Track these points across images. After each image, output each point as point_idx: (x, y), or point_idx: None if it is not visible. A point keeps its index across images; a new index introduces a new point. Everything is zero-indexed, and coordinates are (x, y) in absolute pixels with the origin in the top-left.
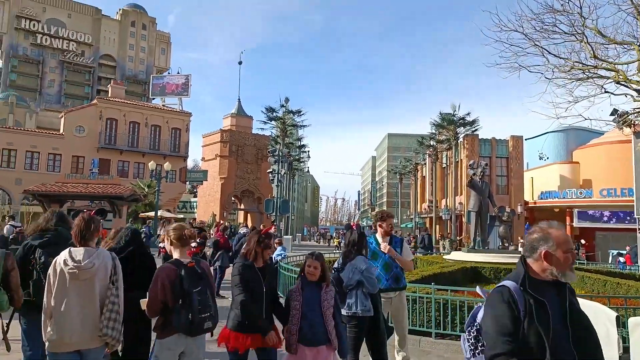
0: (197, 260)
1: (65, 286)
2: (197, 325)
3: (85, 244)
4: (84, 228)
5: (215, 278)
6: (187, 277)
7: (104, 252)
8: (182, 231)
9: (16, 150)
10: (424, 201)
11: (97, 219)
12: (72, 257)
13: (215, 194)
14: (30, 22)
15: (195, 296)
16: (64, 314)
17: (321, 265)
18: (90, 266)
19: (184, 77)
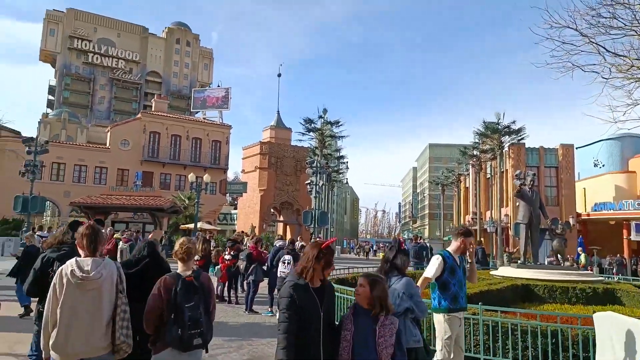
0: (197, 274)
1: (72, 296)
2: (186, 340)
3: (94, 254)
4: (93, 238)
5: (248, 292)
6: (182, 291)
7: (110, 261)
8: (184, 247)
9: (65, 164)
10: (467, 213)
11: (102, 229)
12: (79, 268)
13: (255, 206)
14: (82, 42)
15: (187, 311)
16: (71, 324)
17: (375, 288)
18: (98, 276)
19: (224, 90)
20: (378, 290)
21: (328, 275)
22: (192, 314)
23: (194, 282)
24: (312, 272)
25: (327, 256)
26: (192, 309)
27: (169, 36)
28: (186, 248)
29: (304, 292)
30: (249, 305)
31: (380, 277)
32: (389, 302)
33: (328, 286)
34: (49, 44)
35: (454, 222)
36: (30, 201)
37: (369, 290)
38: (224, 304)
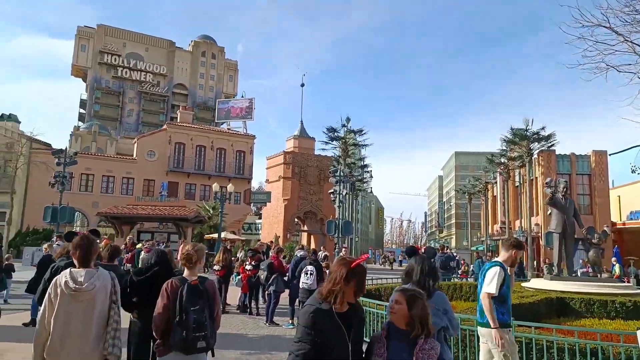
0: (202, 279)
1: (66, 306)
2: (190, 343)
3: (87, 264)
4: (87, 248)
5: (268, 304)
6: (188, 294)
7: (104, 272)
8: (184, 253)
9: (94, 175)
10: (495, 222)
11: (97, 240)
12: (73, 279)
13: (279, 216)
14: (112, 56)
15: (192, 314)
16: (65, 333)
17: (415, 305)
18: (91, 287)
19: (248, 100)
20: (418, 308)
21: (358, 298)
22: (197, 317)
23: (199, 287)
24: (341, 297)
25: (358, 277)
26: (197, 312)
27: (195, 49)
28: (186, 254)
29: (328, 319)
30: (269, 316)
31: (419, 292)
32: (430, 322)
33: (357, 310)
34: (80, 60)
35: (481, 231)
36: (59, 211)
37: (406, 308)
38: (244, 315)
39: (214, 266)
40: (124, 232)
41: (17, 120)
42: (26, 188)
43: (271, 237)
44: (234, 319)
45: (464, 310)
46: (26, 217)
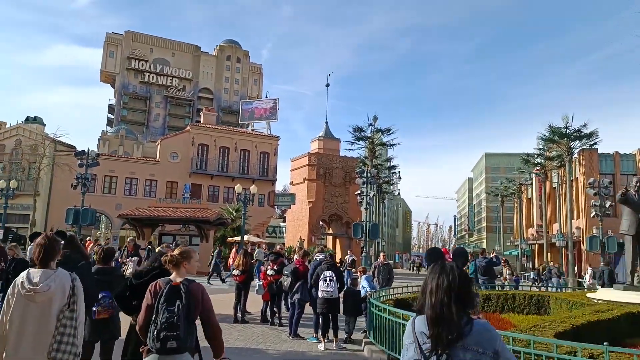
0: (187, 281)
1: (21, 308)
2: (160, 341)
3: (46, 265)
4: (47, 249)
5: (292, 314)
6: (166, 294)
7: (63, 273)
8: (171, 255)
9: (117, 177)
10: (530, 225)
11: (60, 241)
12: (29, 279)
13: (304, 218)
14: (139, 62)
15: (164, 313)
16: (19, 335)
17: None
18: (46, 289)
19: (272, 101)
20: None
21: None
22: (169, 316)
23: (179, 288)
24: None
25: None
26: (171, 312)
27: (220, 53)
28: (169, 256)
29: None
30: (293, 328)
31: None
32: None
33: None
34: (109, 66)
35: (514, 235)
36: (81, 213)
37: None
38: (265, 326)
39: (233, 271)
40: (146, 234)
41: (42, 122)
42: (50, 190)
43: (296, 240)
44: (254, 330)
45: (529, 328)
46: (50, 219)
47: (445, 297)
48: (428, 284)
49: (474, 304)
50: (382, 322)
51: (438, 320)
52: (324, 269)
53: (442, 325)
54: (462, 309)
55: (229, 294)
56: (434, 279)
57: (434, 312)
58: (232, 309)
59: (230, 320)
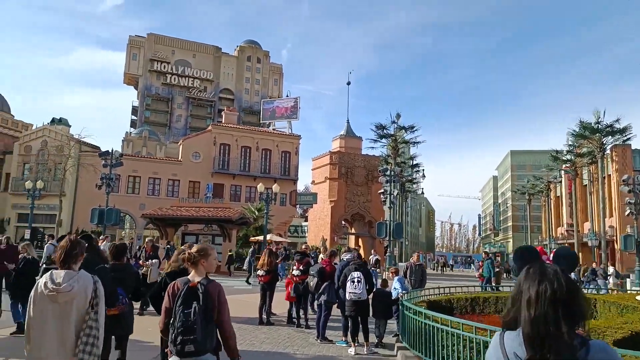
0: (206, 281)
1: (44, 308)
2: (178, 344)
3: (68, 266)
4: (68, 250)
5: (319, 316)
6: (184, 296)
7: (85, 275)
8: (189, 253)
9: (140, 177)
10: (559, 224)
11: (83, 243)
12: (52, 280)
13: (326, 218)
14: (161, 64)
15: (181, 316)
16: (42, 336)
17: None
18: (68, 289)
19: (293, 100)
20: None
21: None
22: (186, 319)
23: (197, 289)
24: None
25: None
26: (187, 314)
27: (240, 54)
28: (187, 255)
29: None
30: (320, 331)
31: None
32: None
33: None
34: (132, 68)
35: (542, 234)
36: (105, 213)
37: None
38: (291, 328)
39: (257, 271)
40: (169, 234)
41: (67, 124)
42: (75, 190)
43: (318, 240)
44: (279, 333)
45: None
46: (76, 219)
47: (551, 309)
48: (524, 292)
49: (583, 317)
50: (417, 326)
51: (541, 340)
52: (352, 270)
53: (547, 347)
54: (573, 326)
55: (253, 294)
56: (533, 286)
57: (534, 330)
58: (257, 310)
59: (256, 322)
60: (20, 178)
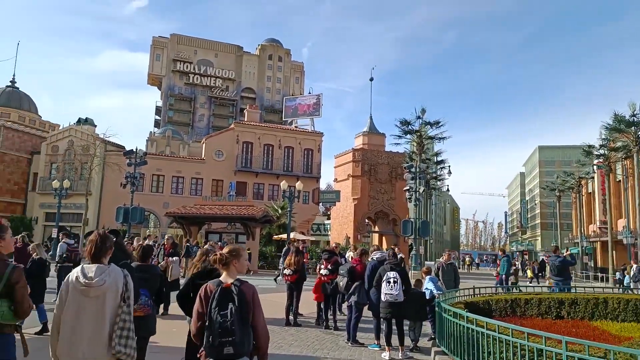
0: (239, 282)
1: (76, 303)
2: (215, 348)
3: (98, 260)
4: (98, 245)
5: (349, 318)
6: (218, 297)
7: (116, 269)
8: (221, 254)
9: (164, 175)
10: (591, 222)
11: (111, 237)
12: (84, 274)
13: (349, 216)
14: (184, 64)
15: (218, 318)
16: (74, 331)
17: None
18: (101, 283)
19: (315, 97)
20: None
21: None
22: (223, 321)
23: (231, 290)
24: None
25: None
26: (224, 316)
27: (261, 53)
28: (218, 256)
29: None
30: (351, 333)
31: None
32: None
33: None
34: (155, 68)
35: (573, 232)
36: (130, 212)
37: None
38: (319, 329)
39: (284, 270)
40: (192, 232)
41: (93, 124)
42: (101, 189)
43: (341, 238)
44: (308, 335)
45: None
46: (102, 217)
47: None
48: None
49: None
50: (457, 330)
51: None
52: (387, 270)
53: None
54: None
55: (279, 294)
56: None
57: None
58: (283, 310)
59: (282, 323)
60: (48, 178)
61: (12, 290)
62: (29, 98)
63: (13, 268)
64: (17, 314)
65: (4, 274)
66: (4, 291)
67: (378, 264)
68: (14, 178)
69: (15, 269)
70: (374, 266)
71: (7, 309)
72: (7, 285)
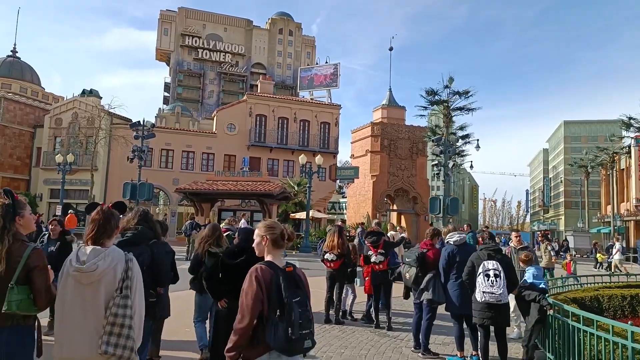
0: (293, 265)
1: (68, 291)
2: (295, 342)
3: (100, 243)
4: (102, 224)
5: (418, 319)
6: (286, 284)
7: (115, 252)
8: (278, 231)
9: (173, 150)
10: (624, 199)
11: (117, 215)
12: (77, 257)
13: (367, 194)
14: (193, 38)
15: (297, 307)
16: (64, 324)
17: None
18: (93, 268)
19: (332, 66)
20: None
21: None
22: (302, 311)
23: (294, 274)
24: None
25: None
26: (301, 304)
27: (272, 27)
28: (282, 234)
29: None
30: (422, 340)
31: None
32: None
33: None
34: (164, 44)
35: (601, 211)
36: (138, 188)
37: None
38: (368, 328)
39: (325, 255)
40: (204, 209)
41: (98, 95)
42: (108, 164)
43: (358, 217)
44: (357, 336)
45: None
46: (108, 194)
47: None
48: None
49: None
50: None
51: None
52: (484, 258)
53: None
54: None
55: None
56: None
57: None
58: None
59: (320, 320)
60: (52, 152)
61: (31, 276)
62: (31, 69)
63: (32, 250)
64: (36, 304)
65: (22, 256)
66: (22, 277)
67: (457, 250)
68: (17, 153)
69: (35, 250)
70: (451, 252)
71: (25, 297)
72: (25, 269)
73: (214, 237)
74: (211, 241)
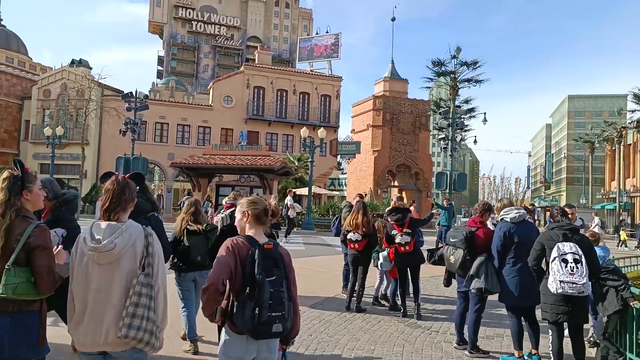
0: (274, 242)
1: (85, 271)
2: (262, 324)
3: (115, 216)
4: (116, 196)
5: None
6: (261, 261)
7: (133, 227)
8: (261, 207)
9: (168, 124)
10: (630, 175)
11: (133, 186)
12: (92, 235)
13: (367, 169)
14: (186, 10)
15: (268, 286)
16: (82, 307)
17: None
18: (111, 247)
19: (334, 36)
20: None
21: None
22: (275, 291)
23: (273, 252)
24: None
25: None
26: (274, 284)
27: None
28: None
29: None
30: (469, 336)
31: None
32: None
33: None
34: (156, 15)
35: (605, 187)
36: (132, 162)
37: None
38: (395, 317)
39: (348, 234)
40: (202, 185)
41: (88, 66)
42: (100, 138)
43: (358, 193)
44: (384, 328)
45: None
46: (100, 169)
47: None
48: None
49: None
50: None
51: None
52: (559, 239)
53: None
54: None
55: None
56: None
57: None
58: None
59: (333, 305)
60: (41, 125)
61: (31, 257)
62: (17, 38)
63: (35, 227)
64: (38, 288)
65: (23, 234)
66: (22, 257)
67: (515, 229)
68: (5, 125)
69: (38, 228)
70: (508, 232)
71: (24, 280)
72: (24, 249)
73: (189, 214)
74: (187, 218)
